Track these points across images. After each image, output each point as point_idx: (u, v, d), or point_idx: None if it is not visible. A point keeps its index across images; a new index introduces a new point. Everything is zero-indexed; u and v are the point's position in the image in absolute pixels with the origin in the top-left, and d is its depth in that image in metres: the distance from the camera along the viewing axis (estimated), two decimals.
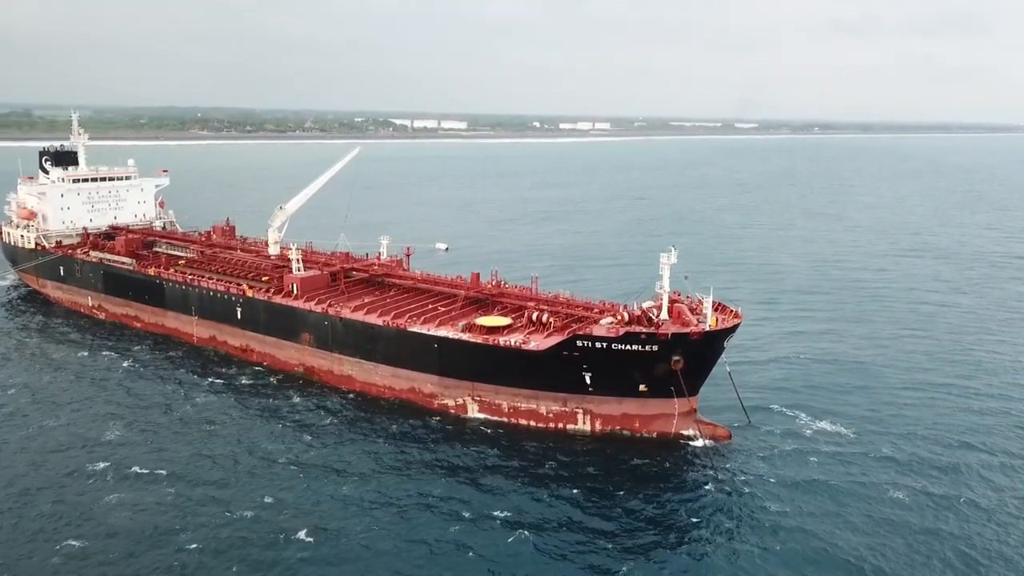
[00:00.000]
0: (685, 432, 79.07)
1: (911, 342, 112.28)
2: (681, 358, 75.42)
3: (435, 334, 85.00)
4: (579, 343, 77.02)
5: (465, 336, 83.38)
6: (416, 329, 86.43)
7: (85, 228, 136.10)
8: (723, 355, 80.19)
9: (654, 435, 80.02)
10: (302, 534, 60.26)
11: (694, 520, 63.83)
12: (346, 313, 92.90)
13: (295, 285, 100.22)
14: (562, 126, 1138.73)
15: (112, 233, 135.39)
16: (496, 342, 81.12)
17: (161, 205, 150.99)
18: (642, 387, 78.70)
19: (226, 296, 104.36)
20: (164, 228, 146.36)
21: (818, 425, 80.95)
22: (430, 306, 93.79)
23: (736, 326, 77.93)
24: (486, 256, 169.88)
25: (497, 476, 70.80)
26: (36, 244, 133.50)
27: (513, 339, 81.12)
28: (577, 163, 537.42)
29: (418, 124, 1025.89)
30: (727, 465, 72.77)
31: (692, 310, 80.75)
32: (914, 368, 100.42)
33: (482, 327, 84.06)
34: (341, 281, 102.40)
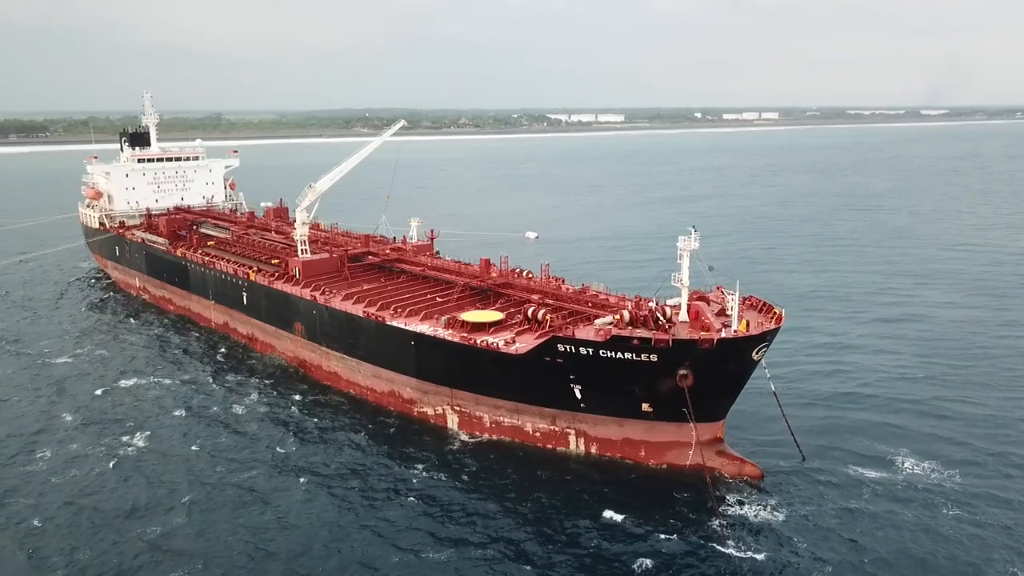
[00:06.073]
0: (705, 466, 59.85)
1: None
2: (689, 372, 56.78)
3: (412, 330, 70.96)
4: (560, 347, 60.31)
5: (443, 333, 68.88)
6: (394, 323, 72.93)
7: (148, 209, 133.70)
8: (766, 371, 60.68)
9: (664, 467, 61.76)
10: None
11: None
12: (334, 302, 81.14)
13: (298, 269, 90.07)
14: (725, 116, 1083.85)
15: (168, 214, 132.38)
16: (472, 342, 65.92)
17: (232, 187, 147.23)
18: (645, 406, 60.73)
19: (235, 280, 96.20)
20: (233, 210, 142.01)
21: (907, 470, 59.38)
22: (428, 296, 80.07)
23: (770, 332, 57.92)
24: (570, 245, 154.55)
25: (464, 515, 55.57)
26: (100, 224, 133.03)
27: (494, 339, 65.56)
28: (730, 152, 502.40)
29: (574, 118, 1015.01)
30: (752, 518, 53.43)
31: (723, 311, 61.79)
32: None
33: (464, 323, 69.16)
34: (345, 266, 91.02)
